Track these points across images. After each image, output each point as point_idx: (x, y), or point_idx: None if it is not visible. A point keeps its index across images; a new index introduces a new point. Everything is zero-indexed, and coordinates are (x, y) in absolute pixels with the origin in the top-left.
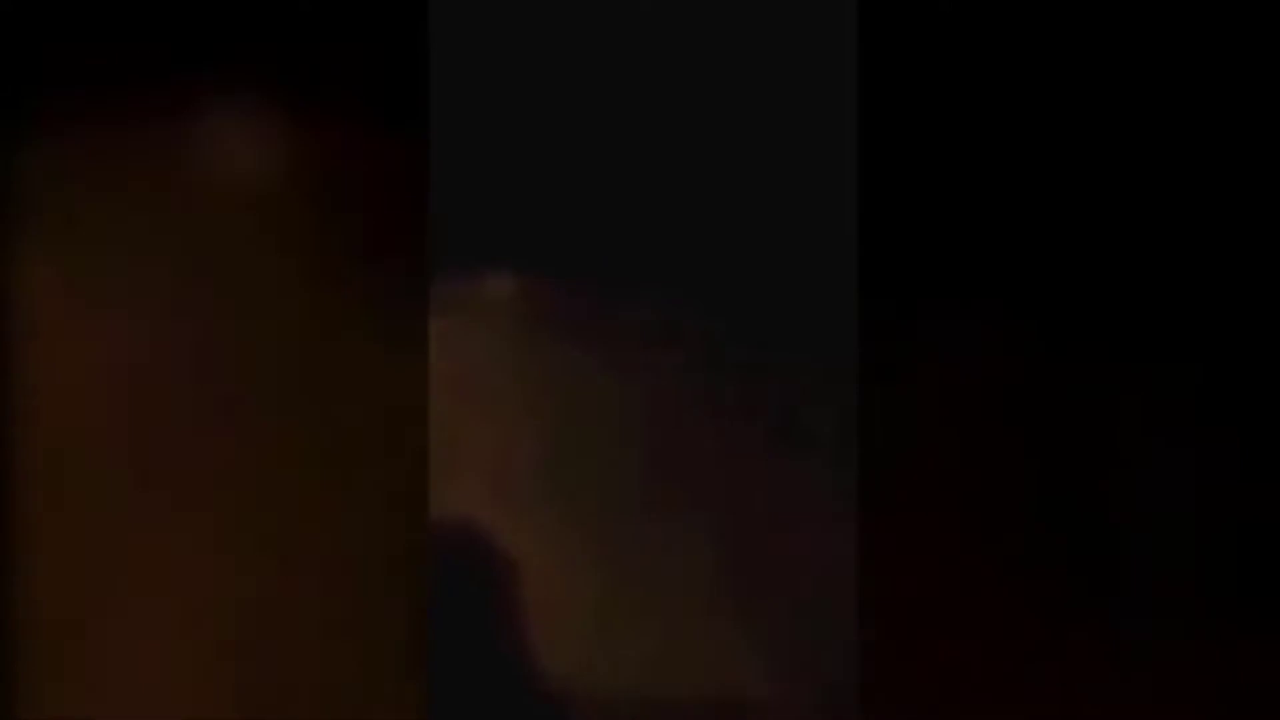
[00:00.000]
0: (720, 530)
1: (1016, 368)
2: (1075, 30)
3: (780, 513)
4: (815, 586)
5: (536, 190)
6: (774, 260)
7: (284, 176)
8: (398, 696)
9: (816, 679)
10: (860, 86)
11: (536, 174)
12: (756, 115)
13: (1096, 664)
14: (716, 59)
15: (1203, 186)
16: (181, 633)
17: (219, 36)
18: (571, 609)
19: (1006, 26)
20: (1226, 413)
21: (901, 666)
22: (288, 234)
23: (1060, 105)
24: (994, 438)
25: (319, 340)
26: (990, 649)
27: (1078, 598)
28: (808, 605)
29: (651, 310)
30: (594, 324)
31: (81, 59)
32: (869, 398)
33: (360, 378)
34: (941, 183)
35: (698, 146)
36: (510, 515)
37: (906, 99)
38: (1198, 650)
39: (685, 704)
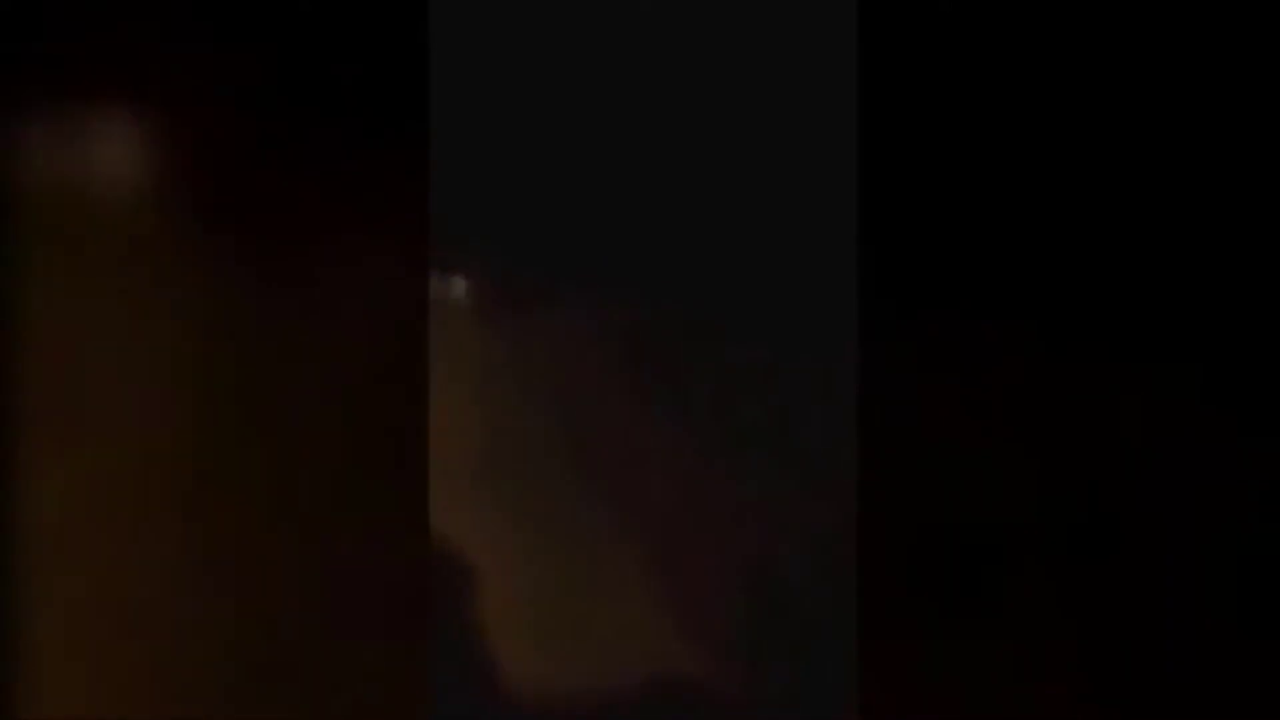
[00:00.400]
0: (722, 531)
1: (1019, 368)
2: (1076, 30)
3: (780, 513)
4: (815, 586)
5: (537, 190)
6: (775, 260)
7: (281, 177)
8: (398, 701)
9: (814, 682)
10: (860, 87)
11: (536, 174)
12: (757, 115)
13: (1101, 666)
14: (717, 59)
15: (1204, 185)
16: (180, 633)
17: (217, 36)
18: (584, 613)
19: (1007, 26)
20: (1232, 414)
21: (901, 671)
22: (285, 234)
23: (1061, 104)
24: (996, 438)
25: (317, 340)
26: (992, 651)
27: (1082, 599)
28: (807, 606)
29: (653, 309)
30: (595, 323)
31: (76, 55)
32: (869, 398)
33: (358, 379)
34: (942, 182)
35: (698, 147)
36: (512, 518)
37: (906, 99)
38: (1205, 652)
39: (682, 708)
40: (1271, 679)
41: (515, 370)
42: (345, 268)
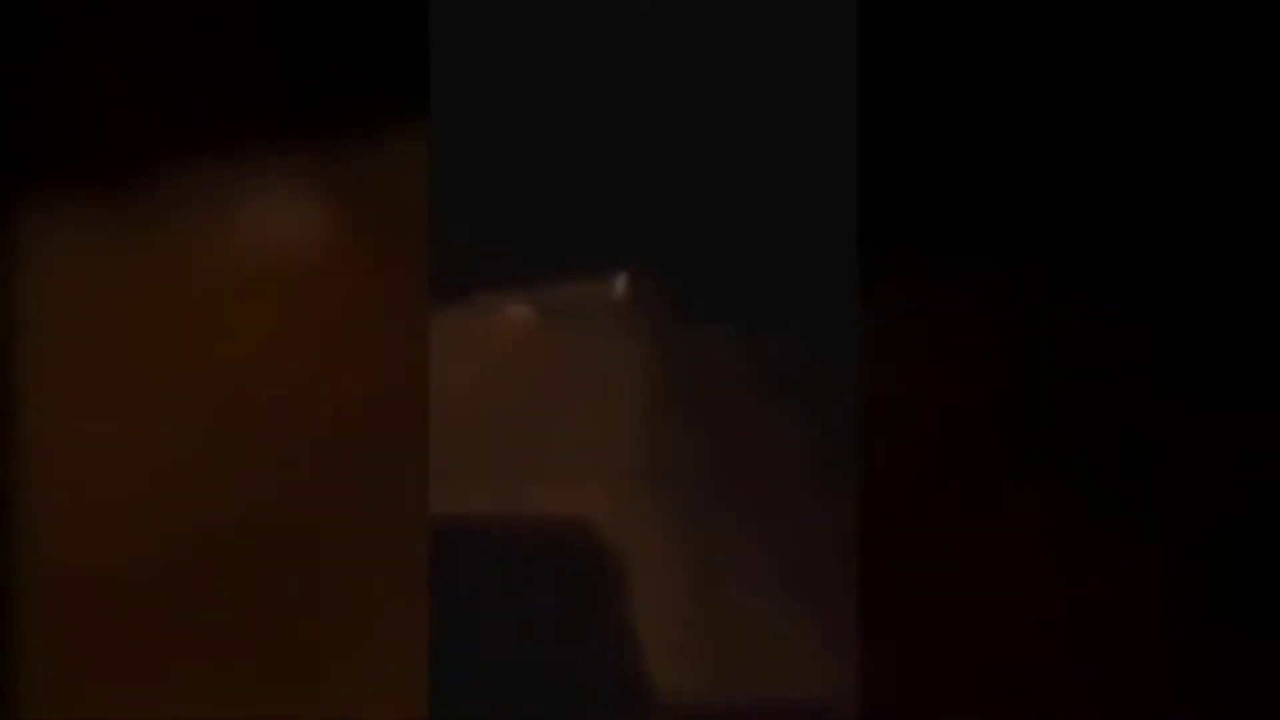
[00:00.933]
0: (722, 529)
1: (1023, 356)
2: (1079, 29)
3: (780, 510)
4: (814, 584)
5: (537, 188)
6: (778, 252)
7: (279, 178)
8: (396, 702)
9: (816, 683)
10: (860, 87)
11: (537, 172)
12: (758, 110)
13: (1106, 664)
14: (717, 58)
15: (1205, 178)
16: (179, 631)
17: (215, 36)
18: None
19: (1007, 26)
20: (1247, 384)
21: (901, 669)
22: (283, 234)
23: (1065, 102)
24: (998, 432)
25: (316, 342)
26: (997, 646)
27: (1087, 596)
28: (806, 602)
29: (656, 304)
30: (596, 321)
31: (76, 56)
32: (870, 396)
33: (358, 380)
34: (943, 181)
35: (700, 145)
36: (512, 514)
37: (906, 99)
38: (1213, 651)
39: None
40: (1272, 679)
41: (516, 367)
42: (345, 267)
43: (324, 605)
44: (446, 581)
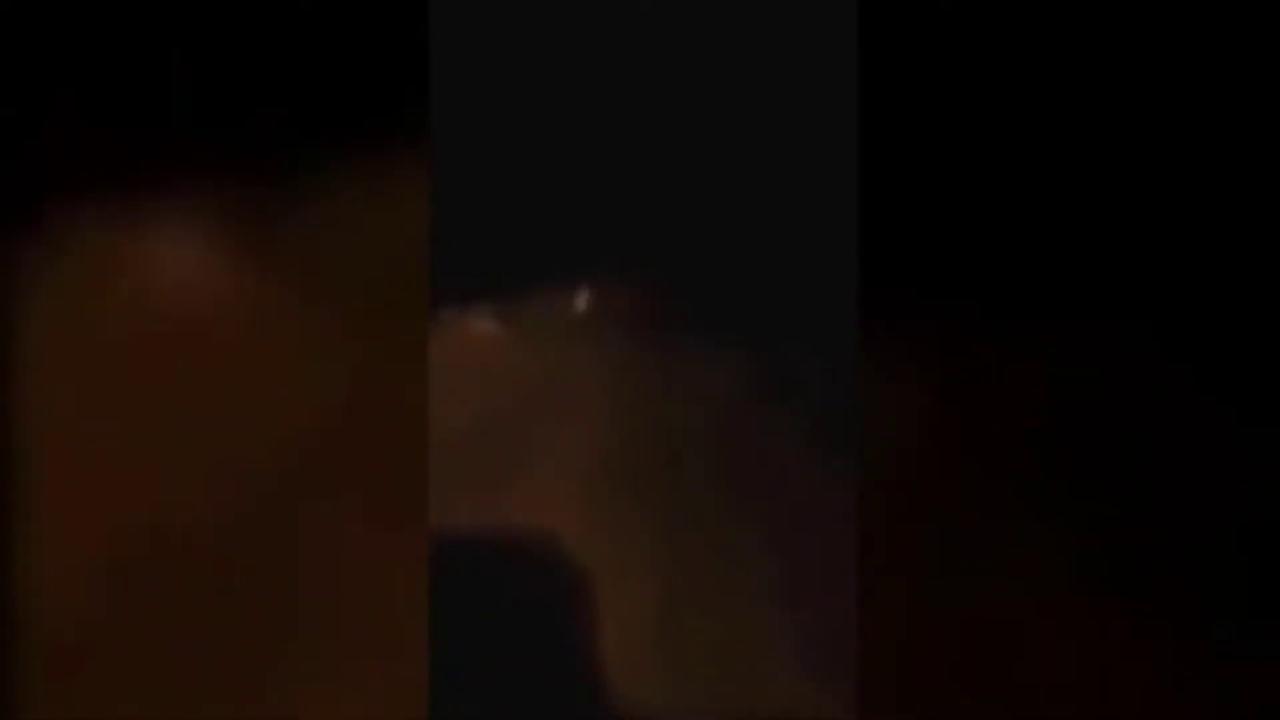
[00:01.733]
0: (711, 529)
1: (1022, 371)
2: (1077, 25)
3: (777, 513)
4: (813, 585)
5: (537, 189)
6: (775, 260)
7: (278, 181)
8: (395, 703)
9: (814, 695)
10: (860, 87)
11: (537, 173)
12: (758, 115)
13: (1105, 664)
14: (717, 58)
15: (1204, 178)
16: (179, 633)
17: (216, 37)
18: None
19: (1008, 26)
20: (1243, 415)
21: (901, 668)
22: (283, 235)
23: (1067, 104)
24: (1000, 441)
25: (317, 346)
26: (994, 650)
27: (1087, 596)
28: (806, 602)
29: (655, 310)
30: (596, 322)
31: (78, 65)
32: (870, 402)
33: (358, 386)
34: (945, 183)
35: (701, 148)
36: (511, 516)
37: (906, 99)
38: (1215, 654)
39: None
40: (1273, 680)
41: (516, 368)
42: (344, 268)
43: (324, 613)
44: (446, 590)
